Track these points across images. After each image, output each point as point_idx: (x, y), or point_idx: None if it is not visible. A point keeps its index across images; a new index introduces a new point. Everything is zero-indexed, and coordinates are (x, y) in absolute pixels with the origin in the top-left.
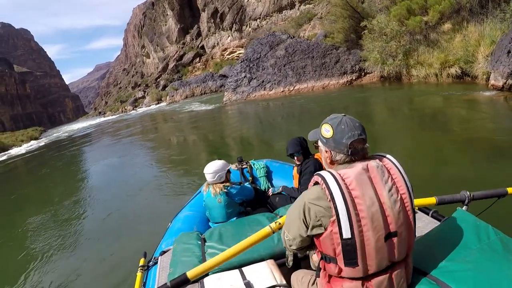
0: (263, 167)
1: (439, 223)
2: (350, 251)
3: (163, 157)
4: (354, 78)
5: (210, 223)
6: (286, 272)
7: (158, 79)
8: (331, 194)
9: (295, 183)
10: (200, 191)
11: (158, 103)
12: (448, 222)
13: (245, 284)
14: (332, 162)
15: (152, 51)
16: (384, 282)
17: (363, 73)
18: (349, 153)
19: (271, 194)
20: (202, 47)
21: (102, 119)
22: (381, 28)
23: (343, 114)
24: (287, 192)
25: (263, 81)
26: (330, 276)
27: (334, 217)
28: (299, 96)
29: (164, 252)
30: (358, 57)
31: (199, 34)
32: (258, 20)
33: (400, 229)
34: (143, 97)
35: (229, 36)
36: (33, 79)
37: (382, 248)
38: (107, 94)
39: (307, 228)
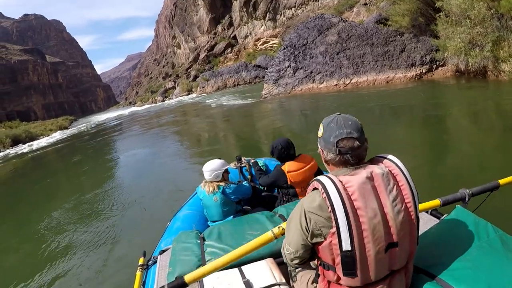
0: (262, 166)
1: (438, 221)
2: (349, 263)
3: (181, 154)
4: (424, 71)
5: (208, 222)
6: (285, 271)
7: (189, 70)
8: (331, 204)
9: None
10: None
11: (188, 94)
12: (447, 220)
13: (244, 283)
14: (327, 162)
15: (183, 42)
16: None
17: (434, 66)
18: (337, 152)
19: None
20: (234, 37)
21: (131, 109)
22: (462, 10)
23: (338, 113)
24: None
25: (311, 72)
26: (329, 282)
27: (334, 229)
28: (357, 92)
29: (163, 251)
30: (429, 46)
31: (231, 24)
32: (293, 8)
33: (402, 239)
34: (174, 87)
35: (262, 25)
36: (65, 69)
37: (383, 259)
38: (138, 84)
39: (308, 236)
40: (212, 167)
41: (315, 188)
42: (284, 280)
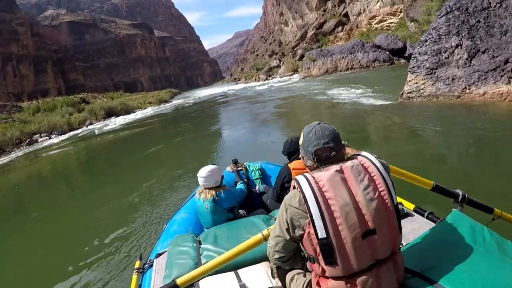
0: (259, 169)
1: (434, 224)
2: (328, 251)
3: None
4: None
5: (204, 228)
6: (281, 274)
7: (295, 48)
8: (304, 197)
9: None
10: (195, 194)
11: (293, 74)
12: (443, 224)
13: (240, 286)
14: (307, 167)
15: (290, 19)
16: (369, 281)
17: None
18: (315, 160)
19: (257, 190)
20: (346, 15)
21: (232, 87)
22: None
23: (317, 122)
24: (266, 191)
25: (506, 62)
26: (318, 276)
27: (309, 219)
28: None
29: (159, 255)
30: None
31: (342, 0)
32: None
33: (379, 226)
34: (278, 66)
35: (378, 1)
36: (173, 44)
37: (361, 246)
38: (244, 61)
39: (289, 230)
40: (209, 173)
41: (294, 187)
42: (280, 284)
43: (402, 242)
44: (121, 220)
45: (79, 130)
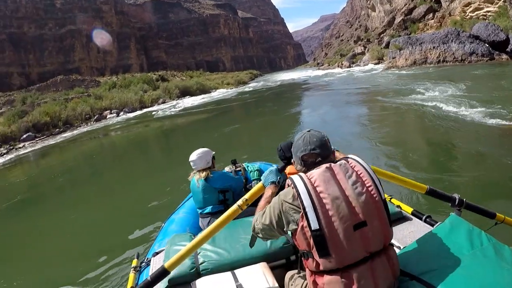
0: (257, 170)
1: (432, 228)
2: (321, 242)
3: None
4: None
5: (198, 210)
6: (279, 275)
7: (382, 35)
8: (297, 192)
9: None
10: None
11: (378, 63)
12: (441, 228)
13: (237, 286)
14: (298, 171)
15: (378, 3)
16: (364, 274)
17: None
18: (303, 165)
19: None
20: (437, 1)
21: (311, 72)
22: None
23: (308, 130)
24: None
25: None
26: (313, 273)
27: (302, 212)
28: None
29: (157, 253)
30: None
31: None
32: None
33: (369, 218)
34: (363, 53)
35: None
36: (257, 25)
37: (353, 237)
38: (328, 45)
39: (283, 223)
40: (201, 155)
41: (289, 185)
42: (276, 285)
43: (399, 246)
44: (153, 214)
45: (150, 109)
